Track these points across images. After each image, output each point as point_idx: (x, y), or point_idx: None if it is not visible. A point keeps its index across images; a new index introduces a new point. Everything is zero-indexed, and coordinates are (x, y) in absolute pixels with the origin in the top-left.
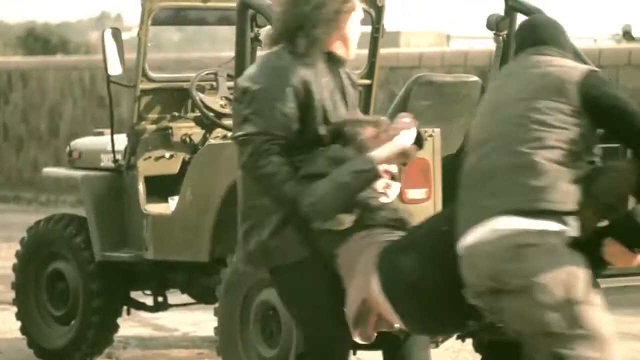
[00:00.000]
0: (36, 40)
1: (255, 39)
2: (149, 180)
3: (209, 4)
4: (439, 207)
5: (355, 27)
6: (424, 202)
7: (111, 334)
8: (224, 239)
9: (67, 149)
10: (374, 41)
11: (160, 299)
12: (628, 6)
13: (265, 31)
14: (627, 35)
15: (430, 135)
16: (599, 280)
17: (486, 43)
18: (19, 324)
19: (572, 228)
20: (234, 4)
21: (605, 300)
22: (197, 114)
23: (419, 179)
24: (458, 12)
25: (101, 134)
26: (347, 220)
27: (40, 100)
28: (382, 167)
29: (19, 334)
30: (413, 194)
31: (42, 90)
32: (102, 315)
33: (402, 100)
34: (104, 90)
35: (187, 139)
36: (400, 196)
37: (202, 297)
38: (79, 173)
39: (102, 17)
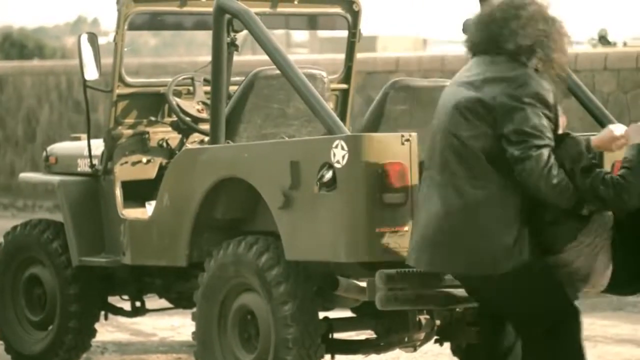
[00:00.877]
0: (12, 45)
1: (232, 44)
2: (126, 185)
3: (185, 9)
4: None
5: None
6: (400, 207)
7: (89, 339)
8: (201, 243)
9: (44, 154)
10: (350, 46)
11: (138, 303)
12: (604, 10)
13: (242, 36)
14: (602, 39)
15: (407, 140)
16: None
17: (463, 48)
18: None
19: None
20: (210, 9)
21: (584, 304)
22: (174, 118)
23: (395, 183)
24: (435, 17)
25: (78, 139)
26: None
27: (17, 105)
28: None
29: None
30: (390, 198)
31: (18, 95)
32: (79, 320)
33: (378, 104)
34: (81, 95)
35: (164, 144)
36: (381, 200)
37: (180, 301)
38: (55, 178)
39: (78, 22)
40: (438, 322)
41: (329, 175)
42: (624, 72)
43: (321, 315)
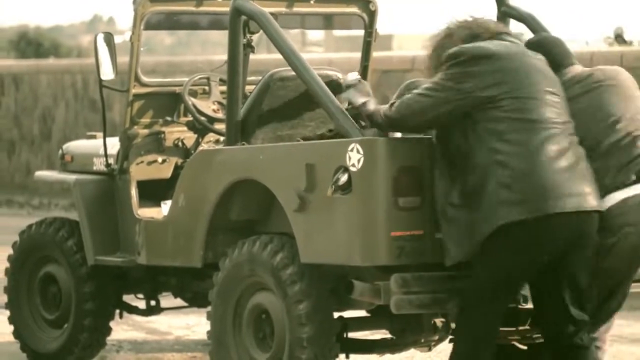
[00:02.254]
0: (28, 43)
1: (248, 45)
2: (141, 184)
3: (201, 9)
4: (432, 214)
5: None
6: (416, 210)
7: (104, 337)
8: (216, 244)
9: (60, 151)
10: (366, 45)
11: (152, 302)
12: (620, 9)
13: (257, 35)
14: (619, 38)
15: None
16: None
17: None
18: (11, 327)
19: None
20: (225, 9)
21: None
22: (190, 118)
23: (411, 186)
24: (451, 15)
25: (94, 137)
26: None
27: (33, 104)
28: None
29: (11, 338)
30: (406, 202)
31: (34, 94)
32: (94, 319)
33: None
34: (96, 94)
35: (180, 144)
36: (397, 203)
37: (195, 300)
38: (71, 177)
39: (94, 21)
40: (454, 325)
41: (344, 178)
42: None
43: (336, 314)
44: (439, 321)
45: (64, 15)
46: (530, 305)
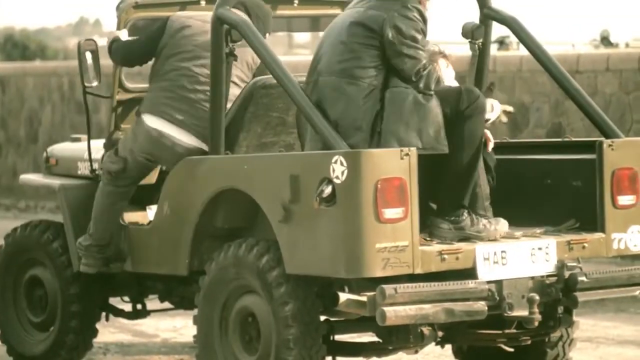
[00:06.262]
0: (14, 46)
1: (230, 54)
2: None
3: None
4: (416, 226)
5: None
6: (400, 222)
7: (90, 339)
8: (202, 252)
9: (44, 154)
10: None
11: (139, 306)
12: (606, 11)
13: (239, 46)
14: (605, 40)
15: (407, 155)
16: (579, 294)
17: (463, 48)
18: None
19: None
20: (209, 14)
21: (586, 306)
22: None
23: (395, 198)
24: (435, 18)
25: (78, 139)
26: None
27: (19, 106)
28: None
29: None
30: (390, 213)
31: (20, 96)
32: (80, 321)
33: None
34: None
35: None
36: (381, 215)
37: (182, 304)
38: (56, 182)
39: (80, 23)
40: (441, 333)
41: (328, 190)
42: (626, 73)
43: (322, 317)
44: (426, 330)
45: (50, 18)
46: (515, 313)
